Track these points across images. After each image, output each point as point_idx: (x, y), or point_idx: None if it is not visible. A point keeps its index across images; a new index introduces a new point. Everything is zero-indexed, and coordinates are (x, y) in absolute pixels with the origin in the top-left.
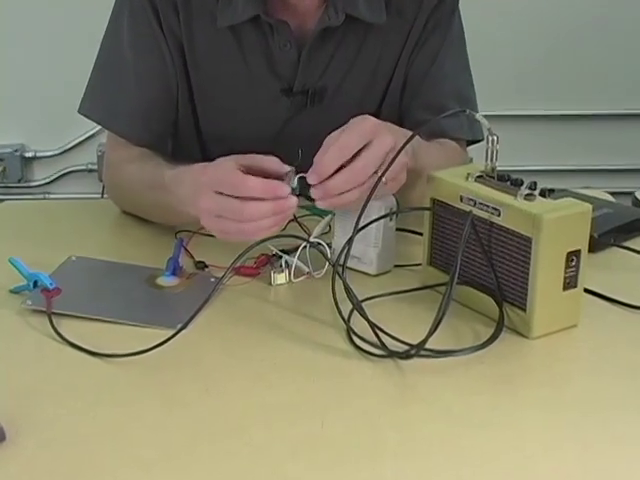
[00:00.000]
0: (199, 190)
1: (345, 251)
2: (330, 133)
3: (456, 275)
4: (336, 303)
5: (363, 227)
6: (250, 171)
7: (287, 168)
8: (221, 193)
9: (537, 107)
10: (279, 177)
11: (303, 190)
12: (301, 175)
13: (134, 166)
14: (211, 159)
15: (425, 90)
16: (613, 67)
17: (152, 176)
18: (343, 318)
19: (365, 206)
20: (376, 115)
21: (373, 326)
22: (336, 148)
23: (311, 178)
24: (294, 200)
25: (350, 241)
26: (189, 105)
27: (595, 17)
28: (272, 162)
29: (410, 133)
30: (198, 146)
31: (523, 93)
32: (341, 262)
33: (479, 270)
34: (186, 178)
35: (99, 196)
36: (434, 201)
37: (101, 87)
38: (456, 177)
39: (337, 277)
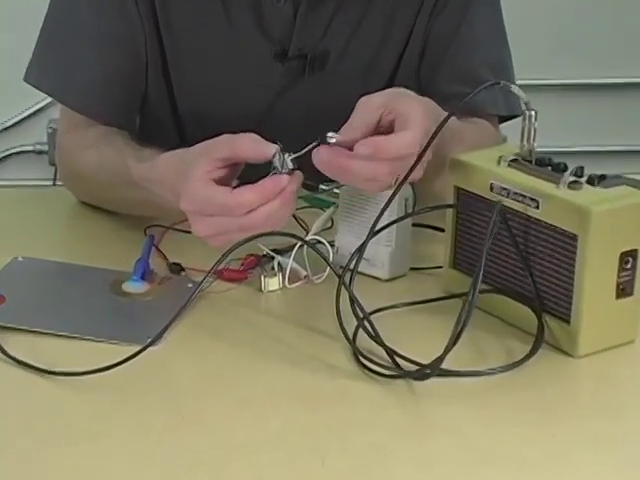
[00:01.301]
0: (188, 216)
1: (354, 258)
2: (333, 110)
3: (480, 276)
4: (339, 319)
5: (378, 231)
6: (229, 163)
7: (271, 149)
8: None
9: (586, 74)
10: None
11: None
12: (294, 155)
13: (93, 153)
14: (189, 141)
15: (452, 57)
16: None
17: (116, 169)
18: (348, 338)
19: (384, 211)
20: (390, 83)
21: (383, 346)
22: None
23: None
24: (297, 179)
25: (362, 248)
26: (162, 74)
27: None
28: (250, 146)
29: (443, 116)
30: (174, 125)
31: (568, 57)
32: (350, 267)
33: (513, 274)
34: (164, 178)
35: (50, 183)
36: (459, 191)
37: (53, 50)
38: (485, 161)
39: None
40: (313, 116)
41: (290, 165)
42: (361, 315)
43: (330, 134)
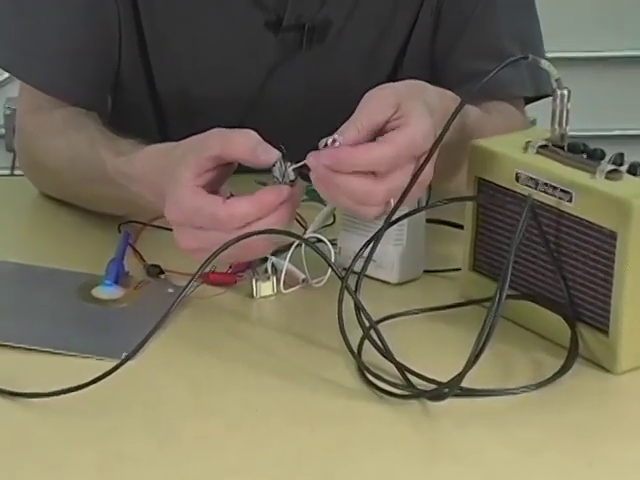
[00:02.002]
0: (172, 226)
1: (359, 256)
2: (334, 91)
3: (506, 283)
4: (342, 329)
5: (389, 225)
6: (220, 163)
7: (272, 156)
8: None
9: (627, 45)
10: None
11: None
12: (295, 165)
13: (60, 141)
14: (169, 127)
15: (472, 29)
16: None
17: (87, 161)
18: (352, 351)
19: (394, 211)
20: (398, 63)
21: (393, 362)
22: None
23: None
24: (298, 193)
25: (373, 247)
26: (137, 49)
27: None
28: (247, 147)
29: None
30: (151, 108)
31: (606, 26)
32: (356, 269)
33: (543, 277)
34: (144, 175)
35: (8, 171)
36: (479, 182)
37: (9, 17)
38: (510, 147)
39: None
40: (311, 97)
41: (292, 176)
42: (367, 324)
43: (333, 138)
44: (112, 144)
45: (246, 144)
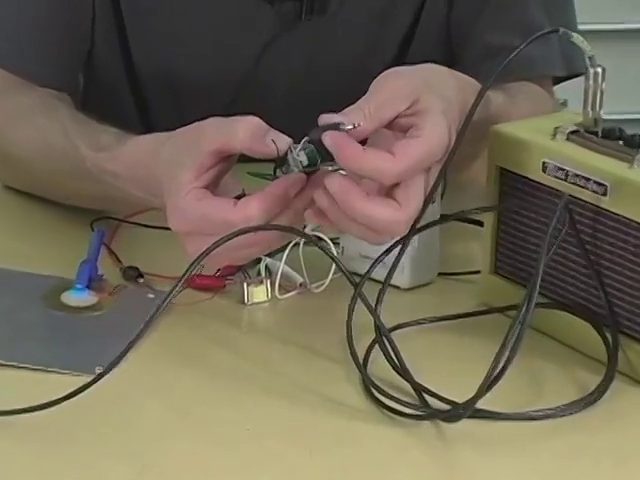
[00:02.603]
0: (180, 237)
1: (375, 262)
2: (337, 68)
3: (536, 290)
4: (350, 341)
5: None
6: (222, 157)
7: (285, 143)
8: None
9: None
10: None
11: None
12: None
13: (30, 130)
14: (151, 114)
15: (498, 1)
16: None
17: (63, 152)
18: (358, 364)
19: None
20: (405, 41)
21: (408, 378)
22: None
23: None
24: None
25: (398, 256)
26: (114, 25)
27: None
28: (253, 137)
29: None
30: (129, 91)
31: None
32: (359, 272)
33: (576, 282)
34: (133, 173)
35: None
36: (501, 172)
37: None
38: (537, 133)
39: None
40: (311, 75)
41: (305, 160)
42: (379, 331)
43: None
44: (90, 134)
45: (253, 133)
